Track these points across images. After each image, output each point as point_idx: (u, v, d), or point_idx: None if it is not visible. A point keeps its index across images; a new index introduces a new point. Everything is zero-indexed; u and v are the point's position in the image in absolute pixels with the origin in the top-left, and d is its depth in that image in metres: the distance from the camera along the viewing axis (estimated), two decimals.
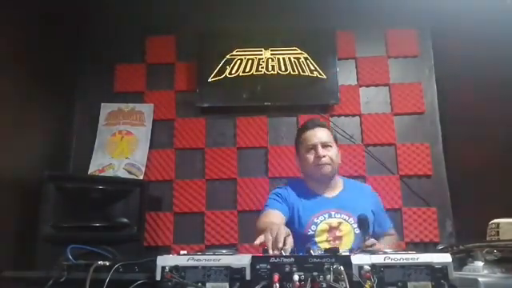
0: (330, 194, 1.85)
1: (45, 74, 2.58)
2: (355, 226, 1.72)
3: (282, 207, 1.78)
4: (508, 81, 2.07)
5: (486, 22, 2.30)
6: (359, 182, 2.10)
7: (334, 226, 1.74)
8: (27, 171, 2.35)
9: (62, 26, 2.84)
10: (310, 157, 1.80)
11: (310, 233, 1.72)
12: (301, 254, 1.10)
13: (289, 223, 1.76)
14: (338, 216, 1.75)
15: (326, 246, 1.66)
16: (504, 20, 2.13)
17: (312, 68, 2.88)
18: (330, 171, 1.80)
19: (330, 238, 1.72)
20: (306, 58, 2.90)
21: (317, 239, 1.71)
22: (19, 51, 2.34)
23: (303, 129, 1.89)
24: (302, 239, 1.68)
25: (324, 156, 1.77)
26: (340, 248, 1.04)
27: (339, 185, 1.89)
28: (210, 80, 2.87)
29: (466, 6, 2.53)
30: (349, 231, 1.73)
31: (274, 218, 1.69)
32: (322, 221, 1.74)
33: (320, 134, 1.82)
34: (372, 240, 1.50)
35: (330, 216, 1.75)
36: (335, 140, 1.88)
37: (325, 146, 1.80)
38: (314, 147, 1.80)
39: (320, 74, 2.87)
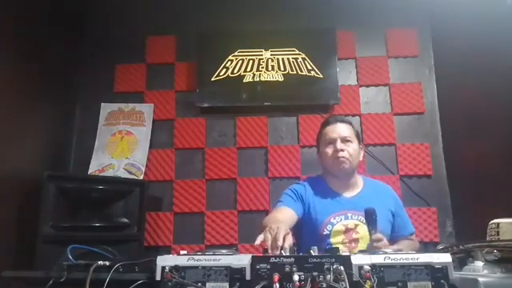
0: (349, 193, 1.80)
1: (45, 74, 2.59)
2: None
3: (296, 205, 1.74)
4: (508, 81, 2.07)
5: (486, 22, 2.30)
6: (380, 181, 2.02)
7: (350, 228, 1.69)
8: (27, 171, 2.35)
9: (62, 25, 2.84)
10: (329, 151, 1.77)
11: (326, 233, 1.69)
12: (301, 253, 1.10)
13: (304, 222, 1.74)
14: (356, 218, 1.70)
15: (342, 247, 1.62)
16: (504, 20, 2.13)
17: (309, 68, 2.88)
18: (349, 166, 1.75)
19: (346, 240, 1.68)
20: (303, 59, 2.90)
21: (332, 240, 1.68)
22: (19, 51, 2.33)
23: (324, 124, 1.86)
24: (317, 239, 1.65)
25: (342, 150, 1.74)
26: (357, 250, 1.02)
27: (359, 184, 1.84)
28: (213, 79, 2.86)
29: (465, 6, 2.53)
30: (366, 233, 1.64)
31: (283, 214, 1.66)
32: (338, 222, 1.70)
33: (340, 129, 1.79)
34: (379, 235, 1.46)
35: (346, 217, 1.71)
36: (357, 137, 1.83)
37: (344, 140, 1.76)
38: (333, 141, 1.77)
39: (317, 74, 2.87)
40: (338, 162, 1.75)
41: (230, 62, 2.91)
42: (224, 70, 2.89)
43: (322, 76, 2.87)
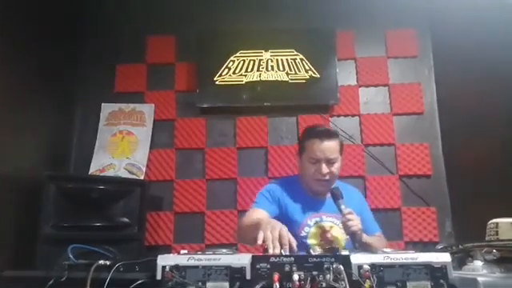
0: (323, 195, 1.81)
1: (45, 73, 2.58)
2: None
3: (271, 207, 1.73)
4: (508, 81, 2.07)
5: (486, 22, 2.31)
6: (349, 185, 2.00)
7: (326, 230, 1.72)
8: (28, 171, 2.35)
9: (62, 25, 2.84)
10: (311, 169, 1.72)
11: (303, 234, 1.71)
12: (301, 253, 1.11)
13: (281, 222, 1.75)
14: (330, 220, 1.74)
15: (318, 249, 1.66)
16: (504, 20, 2.13)
17: (309, 68, 2.89)
18: (328, 187, 1.74)
19: (322, 242, 1.70)
20: (303, 59, 2.91)
21: (309, 241, 1.70)
22: (19, 51, 2.34)
23: (311, 135, 1.75)
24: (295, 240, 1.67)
25: (326, 173, 1.70)
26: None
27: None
28: (215, 79, 2.87)
29: (465, 6, 2.54)
30: (340, 235, 1.71)
31: (258, 216, 1.64)
32: (314, 223, 1.73)
33: (327, 149, 1.69)
34: (349, 209, 1.55)
35: (321, 219, 1.74)
36: (341, 150, 1.76)
37: (330, 162, 1.70)
38: (318, 162, 1.70)
39: (316, 74, 2.87)
40: (318, 184, 1.74)
41: (231, 63, 2.91)
42: (226, 70, 2.90)
43: (321, 76, 2.87)
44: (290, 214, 1.75)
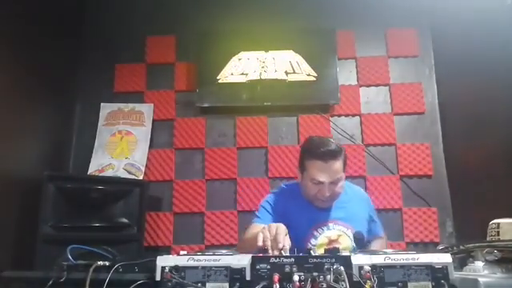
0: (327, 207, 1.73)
1: (45, 74, 2.58)
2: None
3: (273, 222, 1.63)
4: (508, 81, 2.07)
5: (487, 22, 2.30)
6: (353, 184, 1.92)
7: (333, 239, 1.64)
8: (27, 171, 2.35)
9: (62, 25, 2.84)
10: (314, 189, 1.62)
11: (310, 247, 1.61)
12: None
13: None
14: (337, 228, 1.66)
15: None
16: (504, 20, 2.13)
17: (309, 68, 2.88)
18: (332, 202, 1.66)
19: None
20: (303, 59, 2.90)
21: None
22: (19, 51, 2.33)
23: (314, 155, 1.60)
24: (301, 252, 1.61)
25: (329, 195, 1.60)
26: None
27: None
28: (217, 77, 2.86)
29: (465, 6, 2.53)
30: (348, 244, 1.63)
31: None
32: (321, 233, 1.65)
33: (331, 171, 1.57)
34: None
35: (328, 228, 1.66)
36: (345, 165, 1.64)
37: (333, 183, 1.59)
38: (321, 183, 1.59)
39: (317, 74, 2.86)
40: (321, 202, 1.65)
41: (232, 63, 2.91)
42: (226, 70, 2.89)
43: (321, 76, 2.87)
44: (294, 225, 1.60)
